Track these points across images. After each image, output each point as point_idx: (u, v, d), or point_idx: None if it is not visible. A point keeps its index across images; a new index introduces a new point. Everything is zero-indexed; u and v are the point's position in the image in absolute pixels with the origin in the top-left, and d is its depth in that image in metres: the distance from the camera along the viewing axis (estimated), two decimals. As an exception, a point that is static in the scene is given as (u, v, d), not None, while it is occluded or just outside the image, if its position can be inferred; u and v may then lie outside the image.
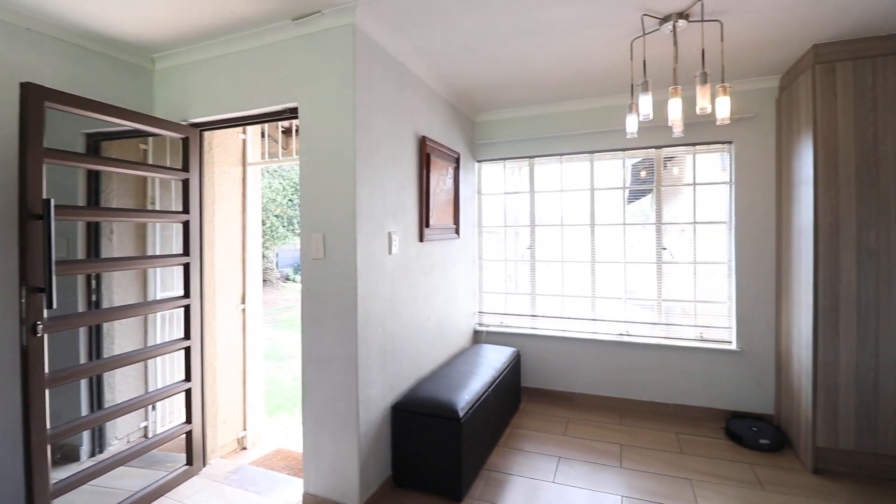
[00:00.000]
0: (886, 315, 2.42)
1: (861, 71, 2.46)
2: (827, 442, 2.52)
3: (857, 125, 2.47)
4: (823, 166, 2.52)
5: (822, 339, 2.52)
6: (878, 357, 2.44)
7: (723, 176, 3.31)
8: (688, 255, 3.38)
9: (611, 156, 3.59)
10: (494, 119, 3.85)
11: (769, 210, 3.13)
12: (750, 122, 3.17)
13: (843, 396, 2.49)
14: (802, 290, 2.67)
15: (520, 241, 3.90)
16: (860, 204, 2.46)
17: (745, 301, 3.18)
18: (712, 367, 3.25)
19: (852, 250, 2.47)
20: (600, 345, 3.53)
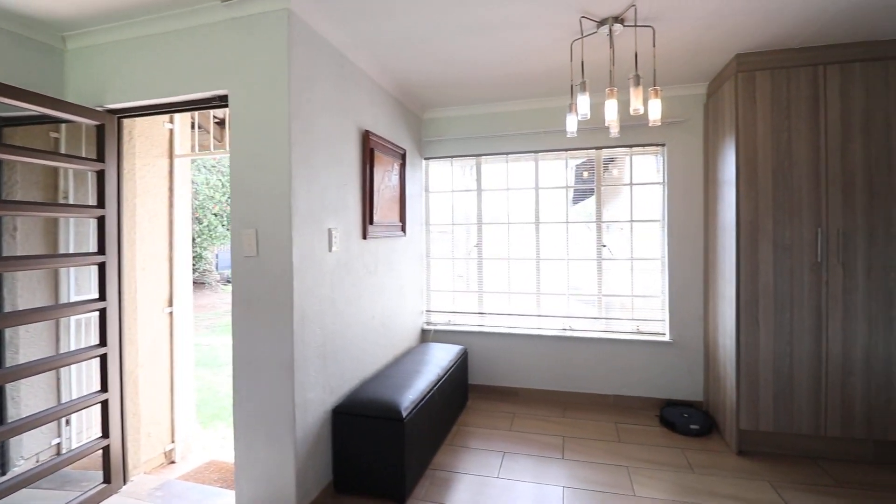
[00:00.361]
0: (799, 306, 2.63)
1: (777, 80, 2.66)
2: (749, 425, 2.70)
3: (773, 131, 2.66)
4: (744, 168, 2.70)
5: (744, 329, 2.71)
6: (793, 345, 2.65)
7: (657, 177, 3.48)
8: (626, 253, 3.52)
9: (554, 156, 3.67)
10: (442, 116, 3.83)
11: (698, 209, 3.33)
12: (681, 126, 3.35)
13: (763, 382, 2.68)
14: (727, 283, 2.85)
15: (467, 238, 3.90)
16: (776, 203, 2.66)
17: (676, 295, 3.36)
18: (648, 359, 3.40)
19: (769, 246, 2.67)
20: (545, 340, 3.60)
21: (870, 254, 2.55)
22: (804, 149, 2.62)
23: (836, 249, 2.58)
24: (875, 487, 2.35)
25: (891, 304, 2.53)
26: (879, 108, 2.53)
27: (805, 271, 2.62)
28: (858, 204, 2.56)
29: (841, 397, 2.59)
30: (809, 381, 2.62)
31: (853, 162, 2.57)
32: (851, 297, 2.57)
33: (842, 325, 2.58)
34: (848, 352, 2.58)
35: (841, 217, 2.58)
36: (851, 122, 2.57)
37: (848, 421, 2.58)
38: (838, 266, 2.58)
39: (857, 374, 2.57)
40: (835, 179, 2.58)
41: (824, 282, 2.60)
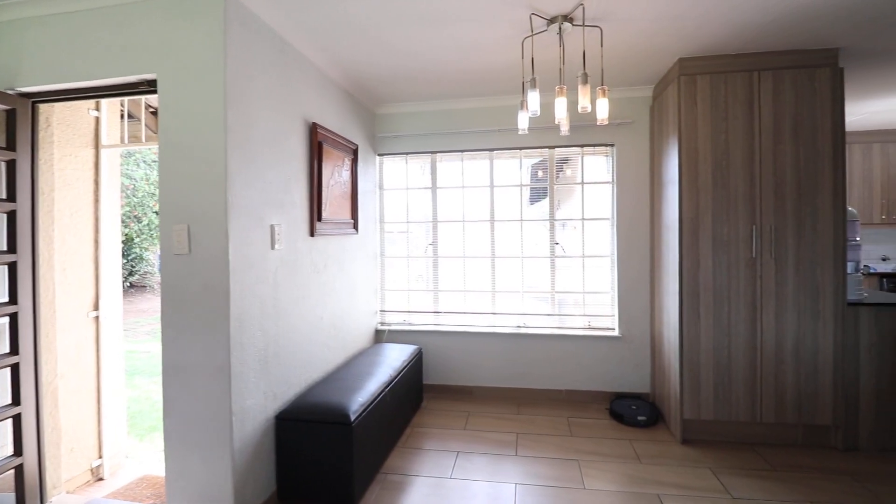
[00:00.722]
0: (736, 300, 2.76)
1: (716, 84, 2.78)
2: (692, 414, 2.81)
3: (713, 132, 2.78)
4: (686, 168, 2.80)
5: (687, 322, 2.81)
6: (731, 337, 2.77)
7: (607, 177, 3.57)
8: (578, 250, 3.58)
9: (510, 154, 3.69)
10: (396, 112, 3.75)
11: (644, 207, 3.43)
12: (629, 127, 3.45)
13: (704, 373, 2.80)
14: (671, 278, 2.96)
15: (423, 237, 3.85)
16: (715, 202, 2.78)
17: (625, 291, 3.45)
18: (598, 354, 3.48)
19: (709, 243, 2.78)
20: (499, 338, 3.61)
21: (798, 249, 2.71)
22: (740, 150, 2.76)
23: (770, 245, 2.73)
24: (804, 469, 2.49)
25: (816, 297, 2.70)
26: (807, 112, 2.70)
27: (741, 266, 2.76)
28: (788, 202, 2.72)
29: (774, 385, 2.74)
30: (746, 371, 2.76)
31: (784, 163, 2.72)
32: (783, 290, 2.72)
33: (774, 317, 2.73)
34: (780, 342, 2.73)
35: (773, 214, 2.73)
36: (782, 126, 2.72)
37: (781, 407, 2.74)
38: (771, 261, 2.73)
39: (787, 363, 2.73)
40: (768, 179, 2.73)
41: (758, 276, 2.74)
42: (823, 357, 2.70)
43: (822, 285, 2.70)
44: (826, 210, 2.69)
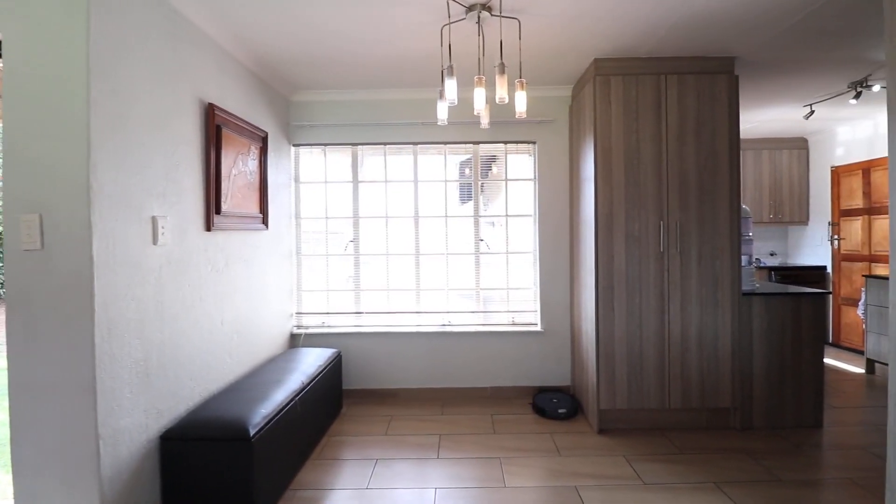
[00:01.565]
0: (646, 291, 2.88)
1: (628, 85, 2.88)
2: (608, 404, 2.89)
3: (625, 132, 2.88)
4: (602, 166, 2.88)
5: (603, 315, 2.89)
6: (642, 328, 2.89)
7: (530, 174, 3.60)
8: (502, 247, 3.58)
9: (435, 150, 3.60)
10: (314, 100, 3.52)
11: (564, 204, 3.51)
12: (550, 125, 3.50)
13: (619, 363, 2.89)
14: (588, 273, 3.03)
15: (343, 233, 3.65)
16: (628, 198, 2.88)
17: (546, 286, 3.50)
18: (522, 349, 3.50)
19: (622, 237, 2.88)
20: (424, 337, 3.51)
21: (700, 243, 2.89)
22: (650, 149, 2.88)
23: (676, 240, 2.88)
24: (707, 450, 2.65)
25: (716, 288, 2.89)
26: (707, 116, 2.88)
27: (651, 260, 2.88)
28: (692, 199, 2.88)
29: (681, 372, 2.89)
30: (655, 360, 2.89)
31: (687, 163, 2.88)
32: (687, 282, 2.89)
33: (680, 307, 2.89)
34: (685, 330, 2.89)
35: (679, 211, 2.88)
36: (686, 128, 2.88)
37: (687, 393, 2.90)
38: (677, 255, 2.88)
39: (692, 351, 2.90)
40: (674, 177, 2.88)
41: (666, 269, 2.88)
42: (723, 344, 2.90)
43: (720, 277, 2.89)
44: (723, 207, 2.89)
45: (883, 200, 4.58)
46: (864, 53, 2.88)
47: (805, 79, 3.32)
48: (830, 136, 5.16)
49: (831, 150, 5.17)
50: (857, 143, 4.84)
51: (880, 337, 4.00)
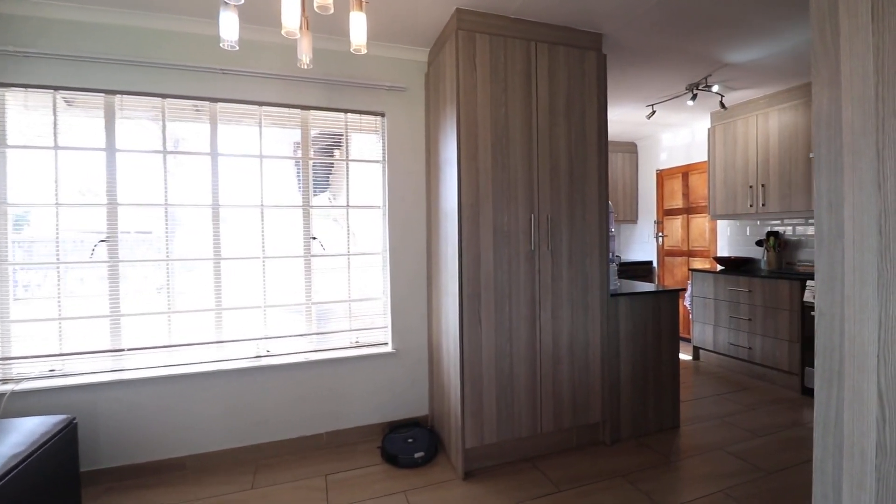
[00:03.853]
0: (517, 298, 2.39)
1: (496, 48, 2.34)
2: (475, 441, 2.32)
3: (493, 104, 2.34)
4: (466, 144, 2.29)
5: (468, 329, 2.31)
6: (512, 342, 2.39)
7: (378, 154, 2.85)
8: (342, 247, 2.77)
9: (246, 113, 2.58)
10: (33, 15, 2.20)
11: (420, 192, 2.86)
12: (402, 95, 2.81)
13: (487, 388, 2.34)
14: (450, 277, 2.42)
15: (89, 230, 2.38)
16: (495, 186, 2.35)
17: (399, 294, 2.81)
18: (369, 377, 2.74)
19: (490, 233, 2.34)
20: (228, 377, 2.48)
21: (571, 240, 2.51)
22: (520, 126, 2.39)
23: (546, 236, 2.45)
24: (585, 479, 2.26)
25: (586, 289, 2.55)
26: (577, 94, 2.51)
27: (521, 260, 2.40)
28: (563, 190, 2.49)
29: (553, 389, 2.48)
30: (527, 379, 2.42)
31: (558, 146, 2.48)
32: (558, 284, 2.48)
33: (551, 314, 2.47)
34: (557, 340, 2.49)
35: (549, 202, 2.46)
36: (557, 105, 2.47)
37: (559, 413, 2.50)
38: (548, 253, 2.46)
39: (564, 363, 2.51)
40: (544, 163, 2.44)
41: (537, 270, 2.43)
42: (593, 352, 2.57)
43: (590, 277, 2.56)
44: (593, 199, 2.56)
45: (699, 201, 5.05)
46: (713, 48, 2.85)
47: (656, 74, 3.27)
48: (656, 142, 5.59)
49: (656, 155, 5.61)
50: (678, 148, 5.29)
51: (704, 326, 4.32)
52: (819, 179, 1.26)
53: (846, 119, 1.21)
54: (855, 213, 1.19)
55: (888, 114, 1.12)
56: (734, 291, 3.98)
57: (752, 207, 4.05)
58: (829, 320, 1.26)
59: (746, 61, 3.08)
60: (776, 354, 3.64)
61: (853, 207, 1.20)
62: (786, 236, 4.12)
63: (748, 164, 4.08)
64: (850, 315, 1.19)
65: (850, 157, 1.21)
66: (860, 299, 1.15)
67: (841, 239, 1.22)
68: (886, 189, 1.11)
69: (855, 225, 1.19)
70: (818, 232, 1.25)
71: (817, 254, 1.26)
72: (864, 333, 1.17)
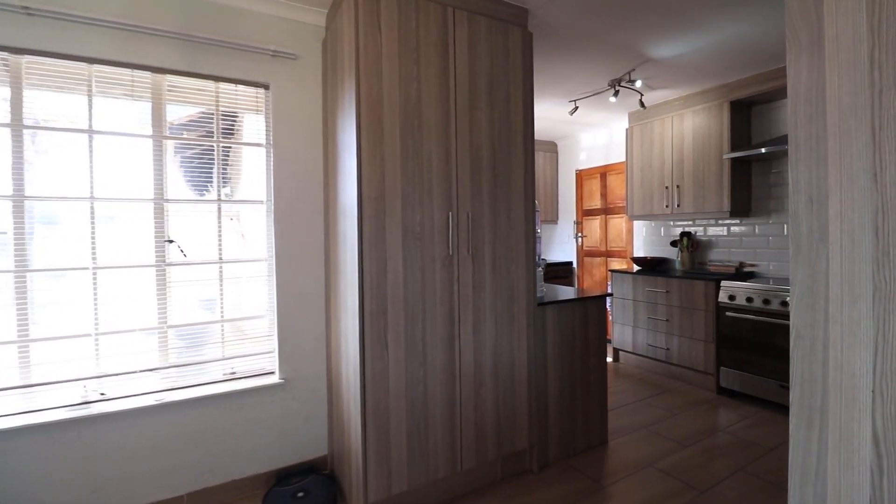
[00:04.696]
0: (432, 313, 2.00)
1: (406, 11, 1.92)
2: (381, 492, 1.88)
3: (402, 78, 1.91)
4: (368, 125, 1.84)
5: (372, 355, 1.86)
6: (427, 366, 1.99)
7: (261, 136, 2.30)
8: (211, 252, 2.17)
9: (70, 75, 1.90)
10: None
11: (316, 184, 2.35)
12: (292, 64, 2.28)
13: (396, 424, 1.92)
14: (348, 289, 1.96)
15: None
16: (405, 177, 1.93)
17: (288, 311, 2.28)
18: (249, 415, 2.18)
19: (399, 235, 1.91)
20: (39, 434, 1.79)
21: (495, 243, 2.17)
22: (435, 107, 1.99)
23: (467, 238, 2.08)
24: (511, 528, 1.93)
25: (512, 300, 2.23)
26: (501, 75, 2.17)
27: (438, 267, 2.01)
28: (485, 184, 2.14)
29: (474, 418, 2.12)
30: (445, 408, 2.04)
31: (480, 134, 2.12)
32: (481, 294, 2.13)
33: (473, 330, 2.11)
34: (479, 360, 2.13)
35: (470, 199, 2.09)
36: (478, 86, 2.11)
37: (482, 444, 2.15)
38: (469, 259, 2.09)
39: (487, 385, 2.16)
40: (464, 151, 2.07)
41: (456, 278, 2.06)
42: (519, 369, 2.26)
43: (516, 284, 2.25)
44: (518, 196, 2.24)
45: (617, 201, 5.05)
46: (639, 39, 2.68)
47: (580, 65, 3.06)
48: (576, 142, 5.54)
49: (576, 155, 5.56)
50: (597, 149, 5.26)
51: (624, 327, 4.27)
52: (796, 170, 1.00)
53: (832, 93, 0.95)
54: (843, 210, 0.93)
55: (887, 85, 0.86)
56: (652, 292, 3.95)
57: (668, 208, 4.05)
58: (809, 344, 1.00)
59: (669, 57, 2.98)
60: (692, 355, 3.64)
61: (841, 204, 0.94)
62: (697, 237, 4.19)
63: (664, 165, 4.08)
64: (836, 338, 0.94)
65: (836, 141, 0.95)
66: (850, 318, 0.89)
67: (825, 243, 0.96)
68: (884, 180, 0.86)
69: (843, 226, 0.93)
70: (794, 234, 0.99)
71: (793, 261, 1.00)
72: (855, 361, 0.91)
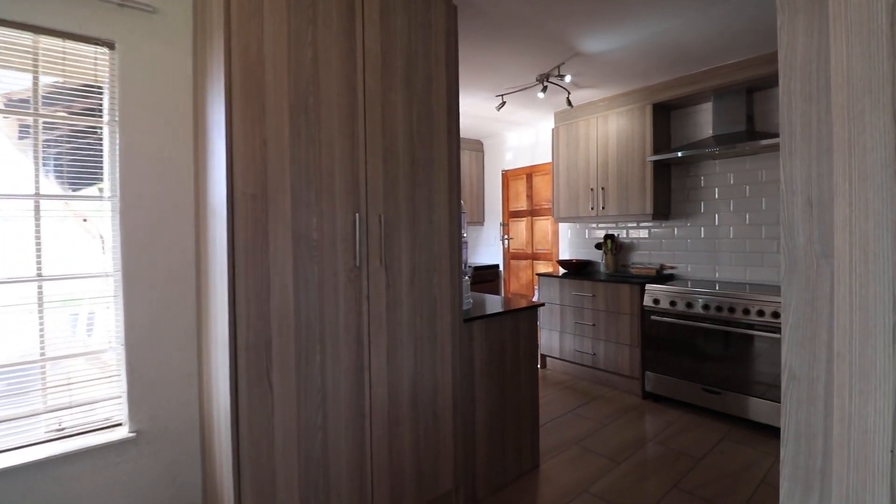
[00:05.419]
0: (333, 340, 1.60)
1: (291, -44, 1.50)
2: (267, 575, 1.45)
3: (292, 40, 1.49)
4: (243, 98, 1.40)
5: (248, 397, 1.42)
6: (327, 407, 1.59)
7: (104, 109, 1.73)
8: (28, 268, 1.58)
9: None
10: None
11: (185, 174, 1.83)
12: (150, 19, 1.75)
13: (284, 484, 1.49)
14: (219, 314, 1.49)
15: None
16: (297, 170, 1.51)
17: (142, 342, 1.73)
18: (83, 487, 1.62)
19: (289, 244, 1.49)
20: None
21: (414, 251, 1.82)
22: (338, 83, 1.59)
23: (379, 246, 1.71)
24: None
25: (434, 317, 1.90)
26: (421, 52, 1.83)
27: (341, 282, 1.61)
28: (402, 180, 1.78)
29: (389, 463, 1.76)
30: (352, 456, 1.65)
31: (395, 120, 1.75)
32: (396, 314, 1.77)
33: (387, 357, 1.75)
34: (395, 393, 1.77)
35: (383, 198, 1.72)
36: (393, 63, 1.75)
37: (399, 494, 1.78)
38: (381, 271, 1.72)
39: (404, 423, 1.81)
40: (376, 140, 1.70)
41: (365, 295, 1.68)
42: (443, 399, 1.93)
43: (440, 299, 1.92)
44: (442, 195, 1.92)
45: (542, 203, 4.95)
46: (571, 29, 2.47)
47: (508, 56, 2.81)
48: (502, 141, 5.38)
49: (502, 154, 5.40)
50: (523, 149, 5.13)
51: (551, 332, 4.14)
52: (790, 164, 0.77)
53: (839, 65, 0.71)
54: (854, 216, 0.71)
55: (915, 54, 0.63)
56: (579, 296, 3.85)
57: (594, 210, 3.98)
58: (807, 389, 0.78)
59: (598, 52, 2.83)
60: (619, 360, 3.58)
61: (851, 208, 0.72)
62: (620, 239, 4.17)
63: (589, 166, 4.01)
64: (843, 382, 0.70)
65: (845, 127, 0.72)
66: (861, 357, 0.66)
67: (828, 258, 0.73)
68: (911, 176, 0.61)
69: (854, 236, 0.71)
70: (788, 247, 0.76)
71: (786, 282, 0.76)
72: (868, 413, 0.67)
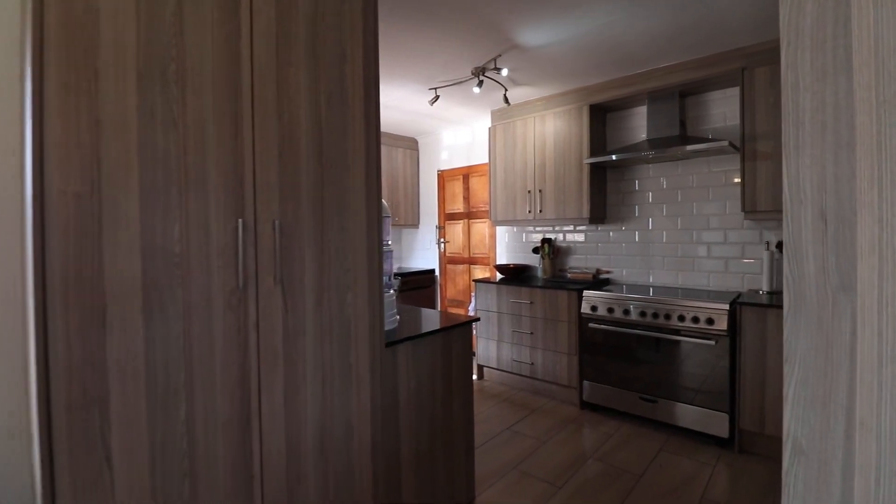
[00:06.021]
0: (206, 384, 1.21)
1: None
2: None
3: (137, -19, 1.09)
4: (61, 58, 1.00)
5: (69, 473, 1.01)
6: (197, 470, 1.20)
7: None
8: None
9: None
10: None
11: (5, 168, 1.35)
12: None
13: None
14: (28, 362, 1.06)
15: None
16: (148, 158, 1.11)
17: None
18: None
19: (136, 262, 1.09)
20: None
21: (321, 265, 1.47)
22: (214, 51, 1.21)
23: (274, 260, 1.34)
24: None
25: (349, 343, 1.56)
26: (332, 23, 1.48)
27: (217, 309, 1.23)
28: (305, 178, 1.42)
29: (289, 531, 1.40)
30: (236, 533, 1.27)
31: (297, 104, 1.40)
32: (297, 345, 1.41)
33: (285, 400, 1.39)
34: (296, 445, 1.42)
35: (279, 199, 1.36)
36: (294, 33, 1.38)
37: (301, 567, 1.44)
38: (277, 291, 1.36)
39: (309, 479, 1.46)
40: (269, 128, 1.33)
41: (253, 324, 1.31)
42: (360, 442, 1.60)
43: (356, 321, 1.58)
44: (358, 195, 1.58)
45: (479, 205, 4.75)
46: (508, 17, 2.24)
47: (440, 44, 2.53)
48: (437, 140, 5.13)
49: (438, 154, 5.15)
50: (459, 148, 4.91)
51: (488, 341, 3.94)
52: (796, 163, 0.53)
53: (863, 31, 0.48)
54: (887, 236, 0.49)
55: None
56: (516, 303, 3.68)
57: (531, 213, 3.83)
58: (817, 468, 0.58)
59: (536, 46, 2.63)
60: (556, 369, 3.44)
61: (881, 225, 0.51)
62: (557, 243, 4.07)
63: (527, 168, 3.85)
64: (867, 461, 0.48)
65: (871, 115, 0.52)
66: (894, 430, 0.43)
67: (849, 294, 0.51)
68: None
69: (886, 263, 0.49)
70: (792, 276, 0.51)
71: (790, 322, 0.50)
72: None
